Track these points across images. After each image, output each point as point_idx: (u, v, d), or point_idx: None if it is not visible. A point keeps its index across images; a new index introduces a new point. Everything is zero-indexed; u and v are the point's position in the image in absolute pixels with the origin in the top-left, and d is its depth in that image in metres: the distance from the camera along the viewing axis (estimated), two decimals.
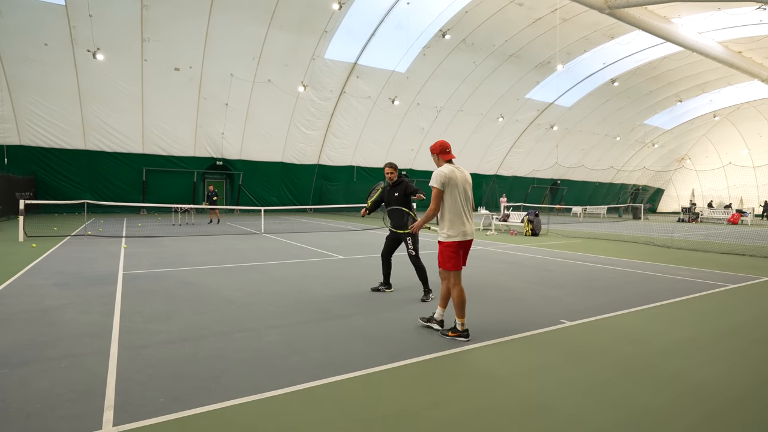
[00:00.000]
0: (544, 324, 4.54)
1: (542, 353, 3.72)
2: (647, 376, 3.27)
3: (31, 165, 21.34)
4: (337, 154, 29.33)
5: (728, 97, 35.44)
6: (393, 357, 3.56)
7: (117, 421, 2.50)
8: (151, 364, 3.34)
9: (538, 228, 15.27)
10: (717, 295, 6.07)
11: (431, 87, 27.68)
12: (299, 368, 3.31)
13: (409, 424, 2.55)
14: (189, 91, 22.70)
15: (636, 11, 19.31)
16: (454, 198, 4.02)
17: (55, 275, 6.68)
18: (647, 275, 7.54)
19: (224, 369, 3.27)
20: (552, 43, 24.55)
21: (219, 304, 5.14)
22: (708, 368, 3.44)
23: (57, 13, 18.07)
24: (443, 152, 4.23)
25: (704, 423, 2.60)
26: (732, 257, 10.00)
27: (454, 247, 4.02)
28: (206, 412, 2.62)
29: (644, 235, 16.18)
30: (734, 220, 26.12)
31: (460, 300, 4.00)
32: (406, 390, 3.00)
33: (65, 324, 4.30)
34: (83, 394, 2.83)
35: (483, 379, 3.19)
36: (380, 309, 5.07)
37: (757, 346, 3.98)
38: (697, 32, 22.80)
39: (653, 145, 42.52)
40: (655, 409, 2.76)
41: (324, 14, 20.92)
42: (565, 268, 8.24)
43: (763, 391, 3.04)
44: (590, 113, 35.29)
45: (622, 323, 4.65)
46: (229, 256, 8.99)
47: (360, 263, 8.40)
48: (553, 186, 41.31)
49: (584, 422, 2.59)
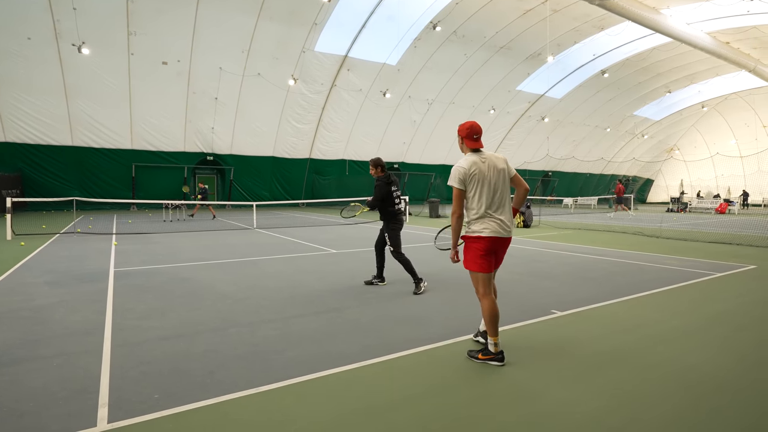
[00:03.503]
0: (536, 314, 4.59)
1: (533, 343, 3.77)
2: (636, 363, 3.34)
3: (18, 162, 20.99)
4: (329, 147, 29.21)
5: (716, 87, 35.78)
6: (387, 349, 3.59)
7: (112, 418, 2.50)
8: (145, 361, 3.34)
9: (530, 219, 15.38)
10: (704, 284, 6.18)
11: (423, 79, 27.60)
12: (294, 362, 3.33)
13: (404, 414, 2.59)
14: (177, 85, 22.42)
15: (625, 2, 19.35)
16: (481, 194, 3.33)
17: (45, 273, 6.62)
18: (637, 265, 7.64)
19: (219, 364, 3.28)
20: (542, 35, 24.56)
21: (213, 300, 5.13)
22: (695, 354, 3.52)
23: (40, 6, 17.69)
24: (470, 137, 3.45)
25: (691, 407, 2.67)
26: (719, 246, 10.17)
27: (483, 243, 3.32)
28: (201, 408, 2.63)
29: (634, 225, 16.37)
30: (722, 209, 26.50)
31: (491, 314, 3.31)
32: (400, 381, 3.03)
33: (57, 322, 4.27)
34: (77, 392, 2.83)
35: (476, 369, 3.23)
36: (374, 302, 5.09)
37: (743, 333, 4.07)
38: (686, 23, 22.94)
39: (643, 136, 42.88)
40: (643, 395, 2.83)
41: (314, 6, 20.71)
42: (557, 258, 8.33)
43: (748, 376, 3.11)
44: (581, 105, 35.46)
45: (613, 312, 4.72)
46: (222, 252, 8.96)
47: (353, 257, 8.41)
48: (544, 177, 41.56)
49: (574, 408, 2.64)
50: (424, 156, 33.38)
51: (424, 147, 32.68)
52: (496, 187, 3.37)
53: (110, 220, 16.76)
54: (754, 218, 20.03)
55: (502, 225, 3.34)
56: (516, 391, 2.90)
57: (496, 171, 3.38)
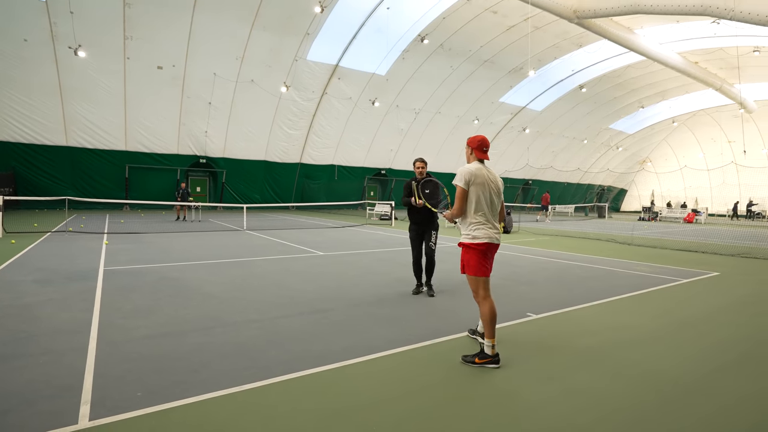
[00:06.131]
0: (513, 317, 4.63)
1: (509, 344, 3.80)
2: (606, 365, 3.39)
3: (11, 161, 20.45)
4: (319, 153, 29.14)
5: (686, 104, 36.68)
6: (368, 350, 3.58)
7: (93, 415, 2.45)
8: (130, 359, 3.27)
9: (510, 226, 15.53)
10: (671, 289, 6.31)
11: (410, 89, 27.75)
12: (277, 361, 3.30)
13: (379, 414, 2.58)
14: (172, 89, 22.15)
15: (602, 21, 19.78)
16: (479, 199, 3.45)
17: (34, 271, 6.45)
18: (609, 270, 7.77)
19: (203, 363, 3.23)
20: (524, 50, 24.91)
21: (200, 300, 5.06)
22: (661, 358, 3.58)
23: (37, 9, 17.34)
24: (480, 149, 3.56)
25: (657, 409, 2.71)
26: (686, 254, 10.39)
27: (483, 248, 3.43)
28: (184, 405, 2.59)
29: (607, 232, 16.64)
30: (689, 219, 27.11)
31: (492, 315, 3.37)
32: (379, 382, 3.02)
33: (44, 320, 4.16)
34: (61, 390, 2.76)
35: (453, 370, 3.24)
36: (358, 303, 5.08)
37: (707, 337, 4.16)
38: (658, 43, 23.53)
39: (618, 148, 43.69)
40: (610, 396, 2.87)
41: (306, 16, 20.70)
42: (533, 264, 8.42)
43: (710, 378, 3.18)
44: (560, 117, 36.01)
45: (585, 316, 4.79)
46: (211, 253, 8.84)
47: (339, 259, 8.38)
48: (525, 186, 42.02)
49: (546, 408, 2.67)
50: (411, 163, 33.51)
51: (411, 154, 32.78)
52: (492, 197, 3.54)
53: (102, 220, 16.43)
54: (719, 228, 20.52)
55: (497, 232, 3.53)
56: (491, 391, 2.92)
57: (495, 185, 3.58)
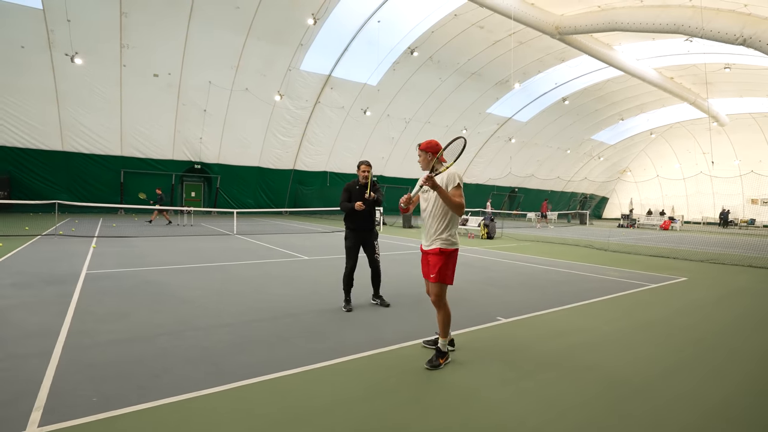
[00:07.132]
0: (482, 321, 4.58)
1: (474, 348, 3.75)
2: (566, 367, 3.34)
3: (6, 165, 20.11)
4: (312, 160, 29.06)
5: (663, 117, 37.19)
6: (335, 353, 3.51)
7: (43, 421, 2.35)
8: (93, 364, 3.16)
9: (493, 231, 15.54)
10: (639, 294, 6.31)
11: (401, 100, 27.83)
12: (241, 365, 3.21)
13: (335, 418, 2.51)
14: (167, 96, 21.98)
15: (583, 38, 20.01)
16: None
17: (14, 275, 6.28)
18: (582, 275, 7.76)
19: (166, 368, 3.13)
20: (509, 64, 25.11)
21: (176, 304, 4.94)
22: (619, 359, 3.55)
23: (34, 16, 17.14)
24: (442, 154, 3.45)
25: (607, 409, 2.67)
26: (657, 259, 10.45)
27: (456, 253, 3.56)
28: (137, 411, 2.50)
29: (586, 238, 16.72)
30: (665, 226, 27.37)
31: (450, 317, 3.51)
32: (340, 385, 2.95)
33: (13, 325, 4.03)
34: (16, 396, 2.65)
35: (417, 373, 3.18)
36: (331, 308, 5.00)
37: (666, 340, 4.14)
38: (635, 59, 23.85)
39: (599, 158, 44.13)
40: (563, 397, 2.82)
41: (300, 28, 20.70)
42: (510, 269, 8.39)
43: (662, 380, 3.15)
44: (544, 128, 36.30)
45: (552, 320, 4.75)
46: (196, 257, 8.71)
47: (321, 263, 8.29)
48: (511, 193, 42.24)
49: (500, 410, 2.61)
50: (402, 170, 33.56)
51: (401, 162, 32.85)
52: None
53: (95, 224, 16.18)
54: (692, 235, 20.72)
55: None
56: (449, 394, 2.86)
57: None
